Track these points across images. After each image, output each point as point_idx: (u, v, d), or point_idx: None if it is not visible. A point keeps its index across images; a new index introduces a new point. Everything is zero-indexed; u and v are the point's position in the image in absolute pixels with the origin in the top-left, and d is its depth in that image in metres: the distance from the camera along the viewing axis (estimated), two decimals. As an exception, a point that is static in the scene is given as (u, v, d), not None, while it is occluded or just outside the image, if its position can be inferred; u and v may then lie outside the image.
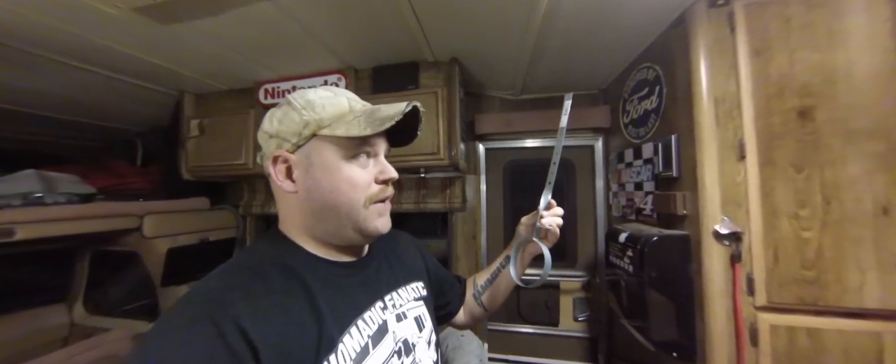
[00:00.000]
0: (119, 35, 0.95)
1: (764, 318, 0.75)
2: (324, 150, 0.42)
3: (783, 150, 0.76)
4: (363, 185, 0.43)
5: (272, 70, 1.31)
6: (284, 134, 0.42)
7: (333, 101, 0.43)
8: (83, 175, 1.29)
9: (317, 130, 0.42)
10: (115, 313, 1.50)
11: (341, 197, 0.42)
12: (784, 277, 0.74)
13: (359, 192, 0.43)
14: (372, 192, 0.44)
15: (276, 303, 0.37)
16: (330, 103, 0.43)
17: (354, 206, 0.43)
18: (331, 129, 0.42)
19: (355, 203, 0.43)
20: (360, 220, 0.43)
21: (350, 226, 0.44)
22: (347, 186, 0.42)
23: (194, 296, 0.37)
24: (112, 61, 1.10)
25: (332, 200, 0.42)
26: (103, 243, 1.39)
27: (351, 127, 0.41)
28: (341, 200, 0.42)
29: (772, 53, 0.77)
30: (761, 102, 0.77)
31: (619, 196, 1.31)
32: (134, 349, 0.33)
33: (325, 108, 0.42)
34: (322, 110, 0.42)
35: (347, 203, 0.43)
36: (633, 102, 1.20)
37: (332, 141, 0.42)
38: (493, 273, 0.70)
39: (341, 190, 0.42)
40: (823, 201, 0.73)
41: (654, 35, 1.01)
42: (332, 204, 0.42)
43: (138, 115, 1.61)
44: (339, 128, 0.41)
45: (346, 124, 0.41)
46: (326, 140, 0.42)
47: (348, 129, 0.41)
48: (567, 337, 1.52)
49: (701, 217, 0.80)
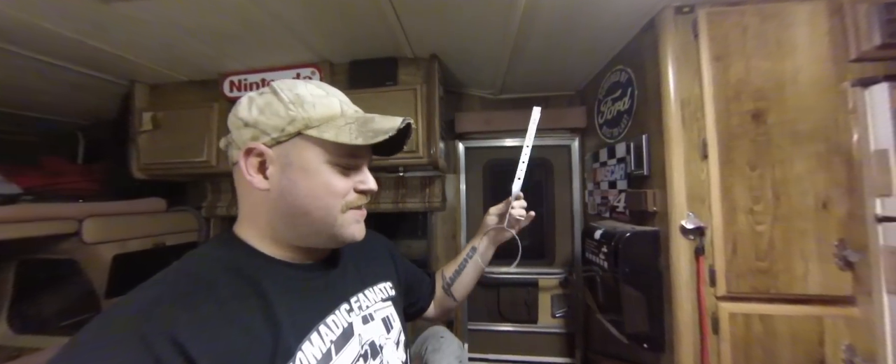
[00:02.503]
0: (53, 12, 0.83)
1: (724, 307, 0.80)
2: (306, 152, 0.39)
3: (740, 150, 0.81)
4: (342, 192, 0.41)
5: (239, 61, 1.22)
6: (264, 126, 0.38)
7: (325, 102, 0.40)
8: (7, 173, 1.12)
9: (303, 129, 0.39)
10: (50, 330, 1.32)
11: (318, 202, 0.40)
12: (741, 268, 0.79)
13: (336, 198, 0.41)
14: (349, 199, 0.42)
15: (223, 312, 0.34)
16: (321, 103, 0.40)
17: (331, 213, 0.41)
18: (318, 130, 0.39)
19: (332, 209, 0.41)
20: (335, 226, 0.41)
21: (324, 232, 0.42)
22: (325, 192, 0.40)
23: (123, 308, 0.32)
24: (47, 45, 0.97)
25: (307, 205, 0.40)
26: (32, 251, 1.22)
27: (341, 133, 0.38)
28: (317, 205, 0.40)
29: (731, 60, 0.83)
30: (721, 105, 0.83)
31: (595, 194, 1.36)
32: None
33: (316, 107, 0.39)
34: (312, 109, 0.39)
35: (324, 209, 0.40)
36: (607, 103, 1.24)
37: (317, 143, 0.39)
38: (460, 264, 0.71)
39: (318, 195, 0.40)
40: (774, 197, 0.79)
41: (626, 38, 1.05)
42: (307, 208, 0.40)
43: (79, 107, 1.44)
44: (327, 131, 0.39)
45: (337, 129, 0.39)
46: (311, 141, 0.39)
47: (338, 134, 0.38)
48: (545, 333, 1.55)
49: (669, 213, 0.84)
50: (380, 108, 1.18)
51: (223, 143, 0.44)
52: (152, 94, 1.38)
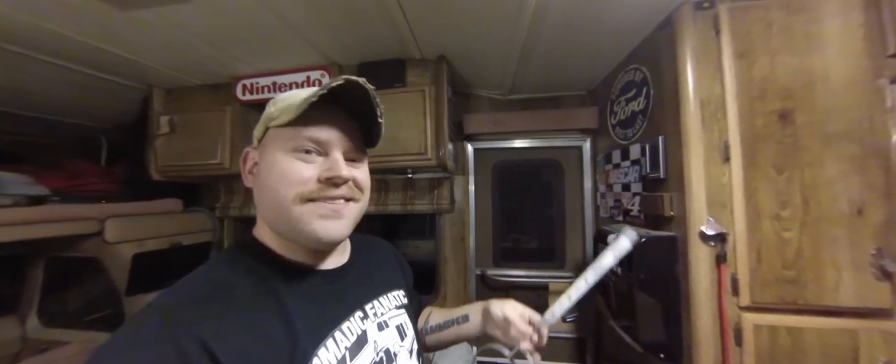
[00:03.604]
0: (75, 21, 0.87)
1: (747, 317, 0.76)
2: (269, 144, 0.41)
3: (765, 152, 0.77)
4: (295, 180, 0.38)
5: (249, 64, 1.24)
6: (255, 131, 0.44)
7: (292, 95, 0.41)
8: (36, 175, 1.18)
9: (269, 124, 0.41)
10: (75, 325, 1.38)
11: (274, 192, 0.39)
12: (766, 277, 0.75)
13: (287, 187, 0.38)
14: (307, 188, 0.38)
15: (245, 319, 0.35)
16: (288, 96, 0.41)
17: (284, 203, 0.38)
18: (277, 121, 0.40)
19: (284, 199, 0.38)
20: (292, 219, 0.39)
21: (288, 225, 0.39)
22: (278, 180, 0.39)
23: (153, 311, 0.34)
24: (69, 51, 1.01)
25: (269, 196, 0.40)
26: (59, 249, 1.27)
27: (285, 115, 0.39)
28: (273, 196, 0.39)
29: (755, 56, 0.78)
30: (745, 105, 0.78)
31: (607, 197, 1.32)
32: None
33: (283, 101, 0.41)
34: (280, 104, 0.41)
35: (277, 199, 0.39)
36: (620, 104, 1.20)
37: (278, 133, 0.41)
38: (447, 321, 0.64)
39: (273, 186, 0.39)
40: (802, 202, 0.75)
41: (641, 36, 1.01)
42: (269, 199, 0.40)
43: (102, 111, 1.49)
44: (281, 119, 0.40)
45: (287, 114, 0.39)
46: (275, 133, 0.41)
47: (285, 118, 0.39)
48: (555, 338, 1.51)
49: (687, 218, 0.81)
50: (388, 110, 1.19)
51: None
52: (168, 97, 1.42)
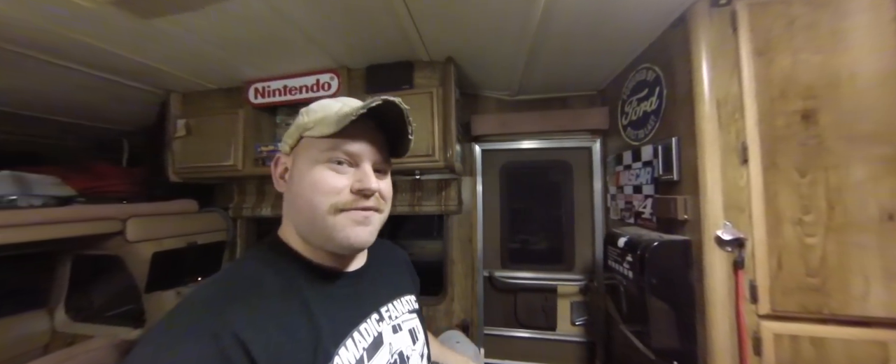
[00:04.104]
0: (97, 30, 0.90)
1: (767, 326, 0.73)
2: (304, 153, 0.43)
3: (787, 154, 0.74)
4: (329, 190, 0.40)
5: (261, 69, 1.27)
6: (287, 137, 0.46)
7: (325, 106, 0.44)
8: (63, 177, 1.24)
9: (303, 133, 0.43)
10: (98, 319, 1.44)
11: (307, 201, 0.41)
12: (788, 285, 0.72)
13: (322, 196, 0.40)
14: (341, 199, 0.40)
15: (274, 316, 0.37)
16: (322, 107, 0.44)
17: (318, 212, 0.40)
18: (311, 131, 0.42)
19: (319, 208, 0.40)
20: (326, 227, 0.40)
21: (321, 233, 0.41)
22: (312, 190, 0.40)
23: (192, 305, 0.36)
24: (91, 58, 1.06)
25: (303, 204, 0.42)
26: (84, 247, 1.33)
27: (325, 128, 0.41)
28: (307, 204, 0.41)
29: (774, 54, 0.75)
30: (764, 104, 0.75)
31: (618, 199, 1.29)
32: (126, 360, 0.31)
33: (317, 111, 0.43)
34: (314, 114, 0.43)
35: (311, 208, 0.41)
36: (632, 104, 1.18)
37: (312, 143, 0.43)
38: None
39: (306, 194, 0.41)
40: (828, 206, 0.71)
41: (653, 35, 0.99)
42: (302, 207, 0.42)
43: (123, 115, 1.56)
44: (316, 130, 0.42)
45: (324, 125, 0.41)
46: (307, 143, 0.43)
47: (322, 130, 0.41)
48: (564, 341, 1.49)
49: (702, 222, 0.78)
50: (396, 113, 1.20)
51: None
52: (185, 102, 1.47)
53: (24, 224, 1.00)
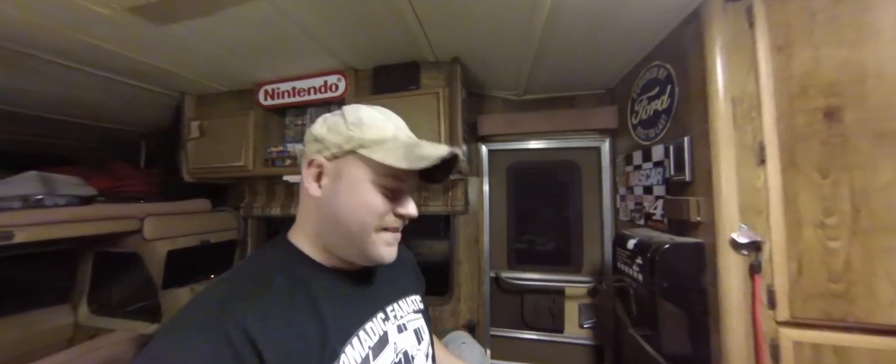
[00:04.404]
0: (115, 36, 0.94)
1: (786, 333, 0.70)
2: (356, 169, 0.43)
3: (808, 154, 0.70)
4: (380, 211, 0.42)
5: (271, 71, 1.30)
6: (327, 141, 0.43)
7: (381, 125, 0.44)
8: (85, 177, 1.29)
9: (356, 148, 0.42)
10: (118, 314, 1.50)
11: (355, 216, 0.42)
12: (809, 291, 0.69)
13: (373, 217, 0.42)
14: (386, 220, 0.43)
15: (283, 313, 0.37)
16: (377, 126, 0.43)
17: (365, 230, 0.42)
18: (369, 150, 0.42)
19: (366, 227, 0.42)
20: (367, 243, 0.43)
21: (356, 246, 0.43)
22: (364, 209, 0.42)
23: (203, 302, 0.37)
24: (110, 62, 1.10)
25: (346, 217, 0.42)
26: (105, 245, 1.39)
27: (389, 155, 0.41)
28: (354, 219, 0.42)
29: (795, 49, 0.72)
30: (783, 102, 0.72)
31: (627, 200, 1.26)
32: (141, 353, 0.33)
33: (372, 128, 0.43)
34: (368, 131, 0.43)
35: (359, 223, 0.42)
36: (642, 102, 1.15)
37: (366, 161, 0.42)
38: None
39: (356, 209, 0.42)
40: (852, 209, 0.68)
41: (665, 32, 0.96)
42: (345, 221, 0.42)
43: (141, 117, 1.62)
44: (377, 152, 0.42)
45: (386, 151, 0.41)
46: (362, 160, 0.43)
47: (386, 156, 0.41)
48: (572, 344, 1.47)
49: (716, 224, 0.76)
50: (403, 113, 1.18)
51: (298, 153, 0.48)
52: (198, 104, 1.52)
53: (49, 222, 1.04)
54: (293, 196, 1.62)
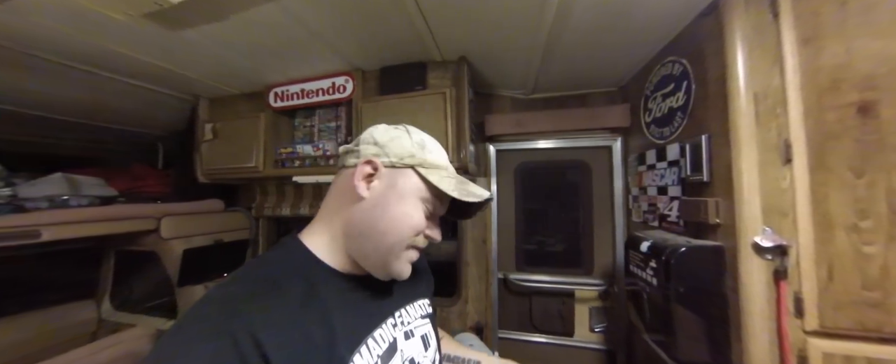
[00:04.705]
0: (132, 42, 0.97)
1: (815, 344, 0.65)
2: (410, 184, 0.45)
3: (839, 152, 0.66)
4: (419, 228, 0.44)
5: (280, 73, 1.32)
6: (389, 149, 0.45)
7: (438, 153, 0.48)
8: (107, 178, 1.35)
9: (417, 165, 0.45)
10: (138, 310, 1.56)
11: (396, 226, 0.43)
12: (841, 298, 0.64)
13: (411, 231, 0.44)
14: (417, 238, 0.45)
15: (292, 318, 0.37)
16: (437, 153, 0.48)
17: (399, 242, 0.44)
18: (427, 171, 0.45)
19: (402, 240, 0.44)
20: (394, 256, 0.44)
21: (381, 256, 0.44)
22: (407, 222, 0.43)
23: (212, 304, 0.37)
24: (129, 67, 1.14)
25: (387, 226, 0.43)
26: (125, 243, 1.45)
27: (444, 182, 0.44)
28: (393, 230, 0.43)
29: (824, 41, 0.67)
30: (812, 97, 0.68)
31: (641, 200, 1.22)
32: (150, 354, 0.33)
33: (433, 153, 0.47)
34: (430, 154, 0.46)
35: (397, 234, 0.43)
36: (656, 100, 1.11)
37: (422, 183, 0.45)
38: (459, 358, 0.65)
39: (399, 221, 0.43)
40: (889, 211, 0.63)
41: (680, 26, 0.92)
42: (385, 229, 0.43)
43: (158, 120, 1.67)
44: (433, 175, 0.45)
45: (441, 177, 0.45)
46: (418, 176, 0.45)
47: (440, 181, 0.44)
48: (582, 348, 1.43)
49: (737, 227, 0.72)
50: (409, 113, 1.20)
51: (342, 150, 0.50)
52: (212, 106, 1.56)
53: (73, 222, 1.09)
54: (303, 197, 1.64)
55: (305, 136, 1.47)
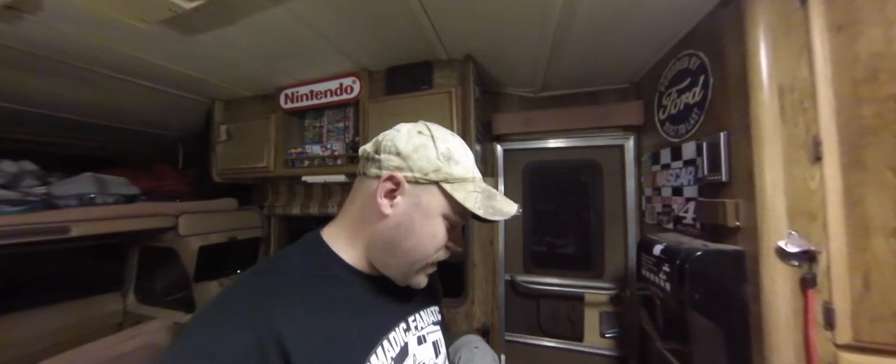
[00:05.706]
0: (152, 47, 1.02)
1: (848, 359, 0.60)
2: (435, 200, 0.43)
3: (877, 149, 0.60)
4: (440, 243, 0.44)
5: (290, 75, 1.35)
6: (413, 163, 0.42)
7: (465, 163, 0.45)
8: (131, 177, 1.42)
9: (442, 181, 0.42)
10: (159, 303, 1.64)
11: (422, 244, 0.43)
12: (878, 310, 0.59)
13: (435, 248, 0.44)
14: (439, 253, 0.45)
15: (309, 313, 0.37)
16: (463, 164, 0.44)
17: (423, 259, 0.43)
18: (452, 187, 0.42)
19: (426, 257, 0.43)
20: (412, 268, 0.44)
21: (404, 269, 0.44)
22: (431, 242, 0.43)
23: (235, 297, 0.37)
24: (149, 72, 1.20)
25: (412, 245, 0.42)
26: (147, 239, 1.53)
27: (469, 199, 0.42)
28: (419, 248, 0.43)
29: (860, 28, 0.62)
30: (845, 90, 0.62)
31: (654, 201, 1.17)
32: (171, 347, 0.33)
33: (459, 165, 0.43)
34: (456, 167, 0.43)
35: (422, 252, 0.43)
36: (670, 96, 1.05)
37: (448, 199, 0.43)
38: None
39: (425, 239, 0.43)
40: (937, 215, 0.57)
41: (697, 17, 0.87)
42: (410, 248, 0.42)
43: (178, 122, 1.76)
44: (459, 191, 0.42)
45: (466, 192, 0.43)
46: (442, 193, 0.43)
47: (466, 198, 0.42)
48: (592, 354, 1.39)
49: (760, 230, 0.67)
50: (415, 113, 1.20)
51: (361, 153, 0.47)
52: (226, 109, 1.62)
53: (99, 218, 1.16)
54: (312, 196, 1.68)
55: (315, 137, 1.50)
